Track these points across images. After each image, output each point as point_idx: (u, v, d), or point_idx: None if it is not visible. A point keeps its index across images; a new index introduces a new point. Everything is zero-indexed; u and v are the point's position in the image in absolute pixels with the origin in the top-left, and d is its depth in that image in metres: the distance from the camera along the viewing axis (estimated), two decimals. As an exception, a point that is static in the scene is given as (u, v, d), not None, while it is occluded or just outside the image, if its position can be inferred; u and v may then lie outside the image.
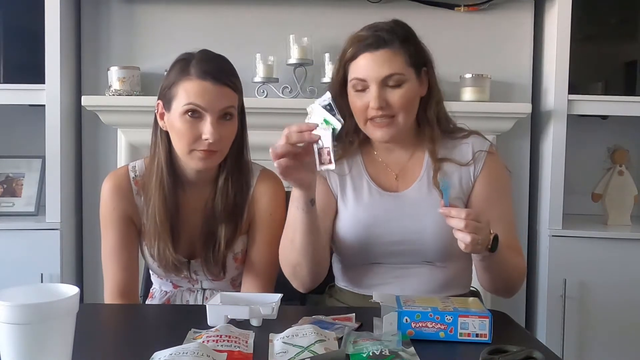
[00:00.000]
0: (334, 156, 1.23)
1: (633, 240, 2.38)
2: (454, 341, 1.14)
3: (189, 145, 1.39)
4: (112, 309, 1.44)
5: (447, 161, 1.48)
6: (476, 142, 1.50)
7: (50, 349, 0.91)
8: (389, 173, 1.51)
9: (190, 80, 1.38)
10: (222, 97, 1.39)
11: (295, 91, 2.46)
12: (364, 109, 1.42)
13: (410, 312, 1.16)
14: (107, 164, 2.51)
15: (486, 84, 2.43)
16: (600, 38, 2.51)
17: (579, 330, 2.39)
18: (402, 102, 1.41)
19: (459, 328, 1.15)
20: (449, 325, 1.15)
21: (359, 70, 1.42)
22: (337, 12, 2.50)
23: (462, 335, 1.15)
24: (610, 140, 2.56)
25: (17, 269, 2.26)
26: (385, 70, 1.40)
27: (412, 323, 1.15)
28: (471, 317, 1.15)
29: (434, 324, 1.15)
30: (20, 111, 2.53)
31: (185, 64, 1.41)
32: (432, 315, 1.15)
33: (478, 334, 1.15)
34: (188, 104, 1.37)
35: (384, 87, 1.40)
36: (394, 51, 1.41)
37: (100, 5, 2.52)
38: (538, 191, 2.54)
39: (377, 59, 1.40)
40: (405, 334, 1.13)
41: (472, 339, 1.15)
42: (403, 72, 1.41)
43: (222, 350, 1.04)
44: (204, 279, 1.53)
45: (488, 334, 1.15)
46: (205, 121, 1.38)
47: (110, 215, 1.49)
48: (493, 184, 1.48)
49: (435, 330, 1.15)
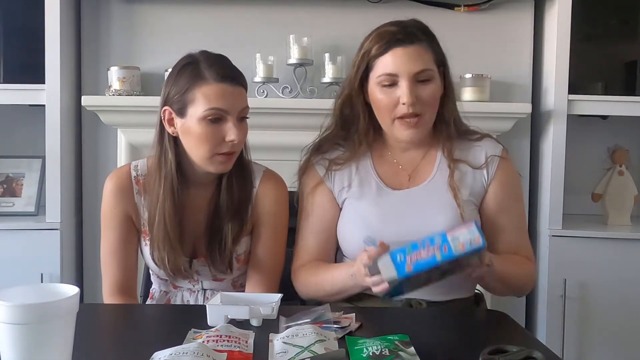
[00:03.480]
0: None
1: (633, 240, 2.38)
2: (451, 260, 1.14)
3: (211, 150, 1.39)
4: (112, 309, 1.44)
5: (460, 162, 1.47)
6: (489, 146, 1.50)
7: (50, 349, 0.90)
8: (402, 173, 1.50)
9: (209, 85, 1.37)
10: (240, 97, 1.40)
11: (295, 91, 2.46)
12: (393, 106, 1.41)
13: (401, 248, 1.17)
14: (107, 164, 2.51)
15: (486, 84, 2.43)
16: (600, 38, 2.51)
17: (579, 330, 2.39)
18: (431, 98, 1.42)
19: (451, 244, 1.15)
20: (441, 245, 1.15)
21: (388, 65, 1.41)
22: (337, 12, 2.50)
23: (457, 249, 1.15)
24: (610, 140, 2.56)
25: (17, 269, 2.26)
26: (418, 65, 1.40)
27: (407, 257, 1.16)
28: (458, 230, 1.16)
29: (426, 250, 1.15)
30: (20, 111, 2.53)
31: (195, 67, 1.39)
32: (422, 242, 1.16)
33: (471, 240, 1.15)
34: (210, 109, 1.36)
35: (415, 83, 1.40)
36: (424, 47, 1.42)
37: (100, 5, 2.52)
38: (538, 191, 2.54)
39: (411, 53, 1.40)
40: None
41: (468, 250, 1.15)
42: (433, 69, 1.42)
43: (222, 350, 1.04)
44: (205, 280, 1.53)
45: (480, 238, 1.15)
46: (228, 123, 1.38)
47: (111, 213, 1.49)
48: (506, 190, 1.49)
49: (430, 254, 1.15)
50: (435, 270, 1.20)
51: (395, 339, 1.09)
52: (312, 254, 1.50)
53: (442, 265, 1.17)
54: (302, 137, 1.61)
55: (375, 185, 1.48)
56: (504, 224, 1.46)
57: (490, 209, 1.47)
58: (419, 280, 1.23)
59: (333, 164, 1.50)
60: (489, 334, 1.28)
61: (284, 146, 1.75)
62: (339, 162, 1.50)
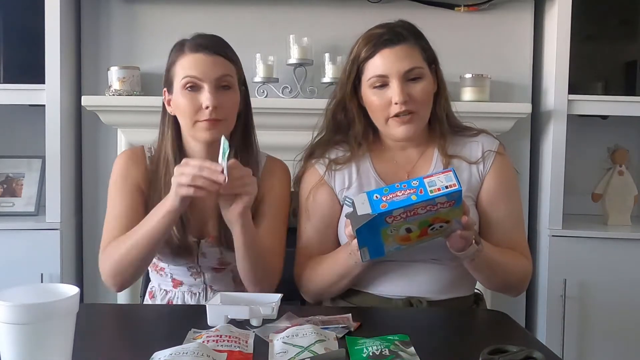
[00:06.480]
0: None
1: (633, 240, 2.38)
2: (426, 202, 1.17)
3: (191, 118, 1.42)
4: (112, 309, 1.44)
5: (457, 158, 1.49)
6: (486, 141, 1.52)
7: (50, 349, 0.91)
8: (401, 172, 1.51)
9: (185, 56, 1.43)
10: (216, 66, 1.43)
11: (295, 91, 2.46)
12: (386, 107, 1.43)
13: (378, 189, 1.20)
14: (107, 164, 2.50)
15: (486, 84, 2.43)
16: (600, 38, 2.51)
17: (579, 330, 2.39)
18: (424, 95, 1.43)
19: (427, 187, 1.18)
20: (417, 188, 1.18)
21: (378, 67, 1.42)
22: (337, 12, 2.50)
23: (433, 191, 1.17)
24: (610, 140, 2.56)
25: (17, 269, 2.26)
26: (406, 64, 1.41)
27: (383, 197, 1.18)
28: (435, 175, 1.19)
29: (403, 192, 1.18)
30: (20, 111, 2.53)
31: (180, 44, 1.47)
32: (399, 185, 1.19)
33: (447, 185, 1.18)
34: (184, 77, 1.42)
35: (405, 81, 1.41)
36: (411, 46, 1.43)
37: (100, 5, 2.52)
38: (538, 191, 2.54)
39: (398, 53, 1.41)
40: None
41: (444, 192, 1.17)
42: (422, 66, 1.43)
43: (222, 350, 1.05)
44: (209, 264, 1.51)
45: (457, 183, 1.17)
46: (204, 90, 1.41)
47: (124, 180, 1.49)
48: (501, 185, 1.49)
49: (406, 195, 1.17)
50: (414, 221, 1.22)
51: (395, 339, 1.09)
52: (313, 254, 1.50)
53: (419, 209, 1.19)
54: (302, 137, 1.61)
55: (375, 185, 1.49)
56: (498, 219, 1.47)
57: (485, 203, 1.48)
58: (398, 232, 1.24)
59: (333, 164, 1.51)
60: (489, 334, 1.28)
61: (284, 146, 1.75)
62: (339, 162, 1.51)
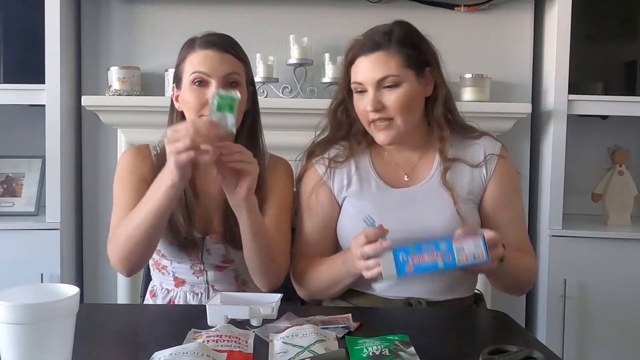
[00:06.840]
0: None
1: (633, 240, 2.38)
2: (452, 269, 1.16)
3: (197, 113, 1.42)
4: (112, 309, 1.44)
5: (458, 161, 1.48)
6: (488, 144, 1.51)
7: (50, 349, 0.91)
8: (399, 173, 1.51)
9: (195, 52, 1.45)
10: (224, 63, 1.44)
11: (295, 91, 2.46)
12: (365, 112, 1.44)
13: (405, 248, 1.18)
14: (107, 164, 2.50)
15: (486, 84, 2.43)
16: (600, 38, 2.51)
17: (579, 330, 2.39)
18: (398, 104, 1.42)
19: (455, 254, 1.16)
20: (445, 252, 1.16)
21: (357, 74, 1.45)
22: (337, 12, 2.50)
23: (461, 260, 1.16)
24: (610, 140, 2.56)
25: (17, 269, 2.26)
26: (378, 72, 1.41)
27: (409, 258, 1.17)
28: (464, 239, 1.17)
29: (429, 254, 1.17)
30: (20, 111, 2.53)
31: (191, 41, 1.48)
32: (426, 246, 1.17)
33: (475, 254, 1.16)
34: (193, 72, 1.43)
35: (380, 89, 1.42)
36: (389, 53, 1.42)
37: (100, 5, 2.52)
38: (538, 191, 2.54)
39: (372, 61, 1.42)
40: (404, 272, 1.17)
41: (471, 262, 1.16)
42: (398, 74, 1.41)
43: (222, 350, 1.05)
44: (212, 266, 1.51)
45: (484, 253, 1.16)
46: (211, 86, 1.42)
47: (131, 175, 1.49)
48: (505, 187, 1.49)
49: (433, 259, 1.16)
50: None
51: (395, 339, 1.09)
52: (312, 254, 1.50)
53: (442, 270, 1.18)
54: (302, 137, 1.61)
55: (375, 184, 1.49)
56: (504, 222, 1.47)
57: (490, 207, 1.48)
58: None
59: (333, 162, 1.52)
60: (489, 334, 1.28)
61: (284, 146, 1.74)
62: (338, 160, 1.52)
